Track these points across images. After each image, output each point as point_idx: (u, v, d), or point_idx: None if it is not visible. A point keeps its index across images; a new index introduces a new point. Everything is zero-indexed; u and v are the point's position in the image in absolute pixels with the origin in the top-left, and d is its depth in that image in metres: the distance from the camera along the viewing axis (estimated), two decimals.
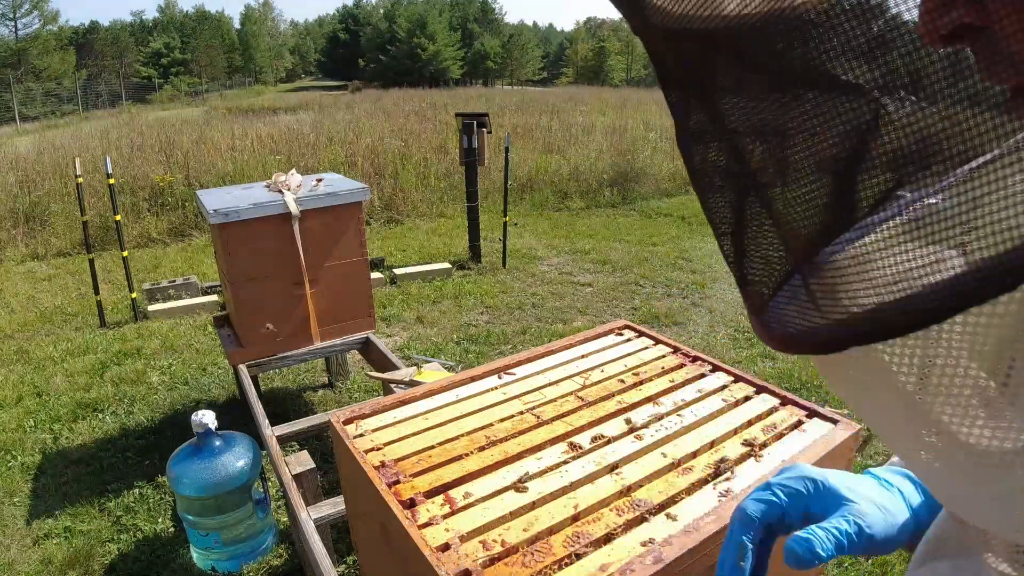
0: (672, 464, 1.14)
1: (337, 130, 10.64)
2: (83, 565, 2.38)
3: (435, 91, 27.70)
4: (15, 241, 6.56)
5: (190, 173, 7.81)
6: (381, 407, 1.34)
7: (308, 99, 25.04)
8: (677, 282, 5.46)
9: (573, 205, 8.53)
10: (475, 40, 54.96)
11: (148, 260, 6.16)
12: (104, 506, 2.70)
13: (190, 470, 2.15)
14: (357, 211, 3.01)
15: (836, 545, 0.48)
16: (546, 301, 5.02)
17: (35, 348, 4.21)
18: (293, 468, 2.18)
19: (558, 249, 6.48)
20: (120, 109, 25.25)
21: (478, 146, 5.54)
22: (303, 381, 3.78)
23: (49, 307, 4.98)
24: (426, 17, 49.97)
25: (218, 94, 33.92)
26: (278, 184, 2.94)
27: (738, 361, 3.96)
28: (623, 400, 1.35)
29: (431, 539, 0.95)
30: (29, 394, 3.62)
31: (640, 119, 12.63)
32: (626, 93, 25.94)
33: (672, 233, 7.20)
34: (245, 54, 51.83)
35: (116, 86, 34.83)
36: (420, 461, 1.15)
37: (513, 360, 1.53)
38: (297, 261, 2.89)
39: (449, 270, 5.62)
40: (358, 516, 1.34)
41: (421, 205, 7.91)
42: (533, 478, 1.10)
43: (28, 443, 3.15)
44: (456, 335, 4.34)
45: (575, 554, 0.94)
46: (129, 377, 3.77)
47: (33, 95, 27.36)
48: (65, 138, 11.60)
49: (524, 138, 10.84)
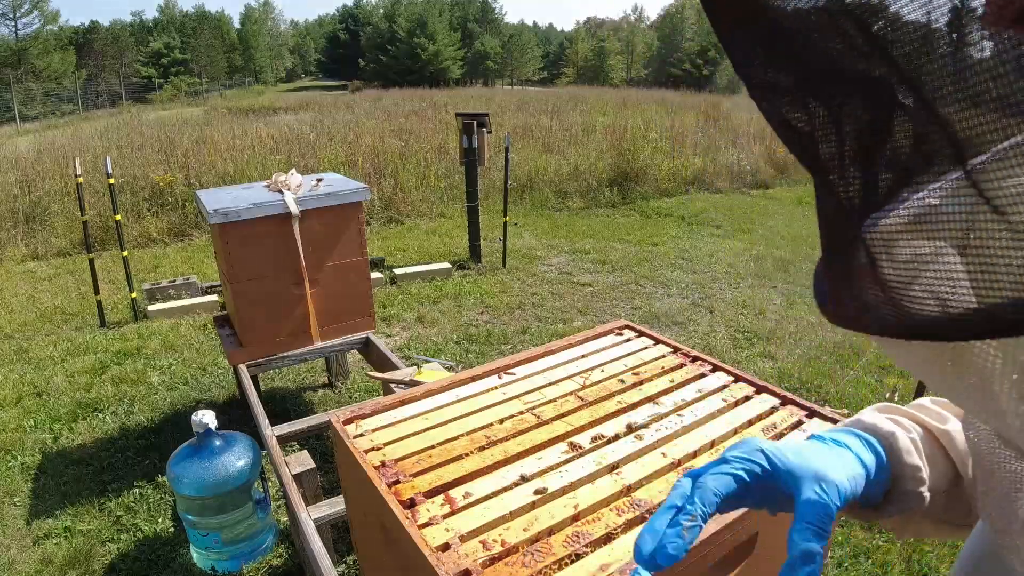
0: (672, 464, 1.14)
1: (337, 130, 10.64)
2: (83, 565, 2.38)
3: (435, 91, 27.70)
4: (15, 241, 6.56)
5: (190, 173, 7.81)
6: (381, 407, 1.34)
7: (308, 99, 25.04)
8: (677, 282, 5.46)
9: (573, 205, 8.53)
10: (475, 40, 54.95)
11: (148, 260, 6.16)
12: (104, 506, 2.70)
13: (190, 470, 2.15)
14: (357, 211, 3.01)
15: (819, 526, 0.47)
16: (546, 301, 5.02)
17: (35, 348, 4.21)
18: (293, 468, 2.18)
19: (558, 249, 6.48)
20: (120, 109, 25.24)
21: (478, 146, 5.54)
22: (303, 381, 3.78)
23: (49, 307, 4.98)
24: (426, 17, 49.98)
25: (218, 94, 33.91)
26: (278, 184, 2.93)
27: (738, 361, 3.96)
28: (623, 400, 1.35)
29: (431, 539, 0.95)
30: (29, 394, 3.62)
31: (640, 119, 12.63)
32: (626, 93, 25.95)
33: (672, 233, 7.20)
34: (245, 54, 51.81)
35: (116, 86, 34.84)
36: (420, 461, 1.15)
37: (513, 360, 1.53)
38: (297, 261, 2.89)
39: (449, 270, 5.62)
40: (358, 516, 1.34)
41: (421, 205, 7.91)
42: (533, 478, 1.10)
43: (28, 443, 3.15)
44: (456, 335, 4.34)
45: (575, 554, 0.94)
46: (129, 377, 3.77)
47: (33, 95, 27.35)
48: (65, 138, 11.59)
49: (524, 138, 10.84)
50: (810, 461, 0.51)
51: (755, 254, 6.34)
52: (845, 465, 0.52)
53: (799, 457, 0.51)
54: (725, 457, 0.53)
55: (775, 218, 8.10)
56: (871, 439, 0.57)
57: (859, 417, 0.62)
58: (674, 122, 12.47)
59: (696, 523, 0.47)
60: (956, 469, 0.59)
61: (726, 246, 6.65)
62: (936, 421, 0.60)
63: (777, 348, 4.16)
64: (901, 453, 0.57)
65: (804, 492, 0.48)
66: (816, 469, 0.50)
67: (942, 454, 0.59)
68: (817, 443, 0.56)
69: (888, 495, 0.58)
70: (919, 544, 2.46)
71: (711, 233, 7.26)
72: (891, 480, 0.57)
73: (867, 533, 2.53)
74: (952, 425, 0.60)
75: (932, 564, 2.37)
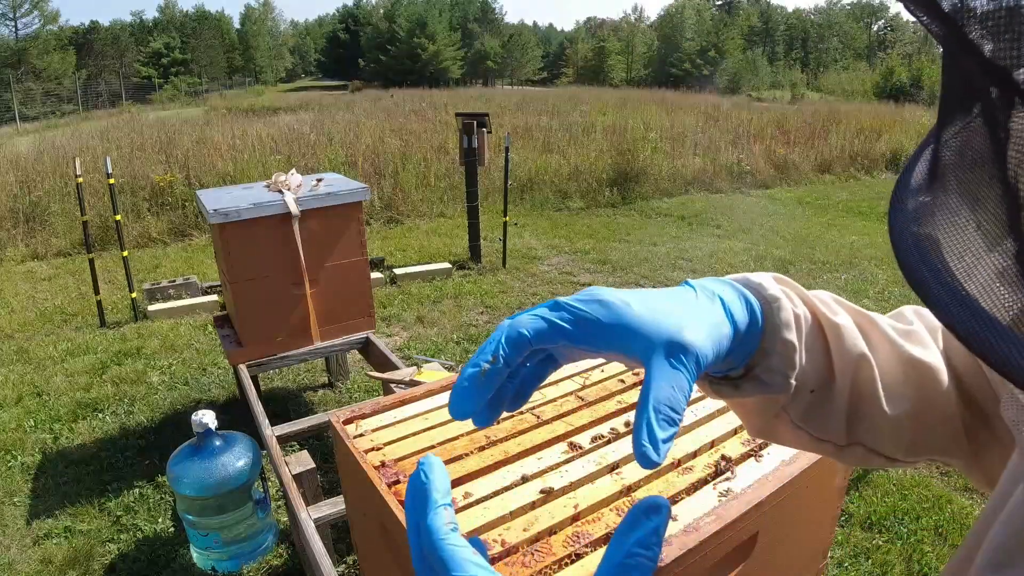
0: (672, 464, 1.14)
1: (337, 130, 10.65)
2: (83, 565, 2.38)
3: (435, 91, 27.70)
4: (15, 241, 6.56)
5: (190, 173, 7.81)
6: (381, 407, 1.34)
7: (308, 99, 25.04)
8: (677, 282, 5.45)
9: (573, 205, 8.53)
10: (475, 40, 54.96)
11: (148, 260, 6.16)
12: (104, 506, 2.70)
13: (190, 470, 2.15)
14: (357, 211, 3.01)
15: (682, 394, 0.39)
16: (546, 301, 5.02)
17: (35, 348, 4.21)
18: (293, 468, 2.18)
19: (558, 249, 6.48)
20: (120, 109, 25.23)
21: (478, 146, 5.54)
22: (303, 381, 3.78)
23: (49, 307, 4.98)
24: (426, 17, 49.98)
25: (218, 94, 33.88)
26: (278, 184, 2.93)
27: None
28: (623, 400, 1.35)
29: None
30: (29, 394, 3.62)
31: (640, 119, 12.63)
32: (626, 93, 25.95)
33: (672, 233, 7.20)
34: (245, 54, 51.82)
35: (116, 86, 34.82)
36: None
37: None
38: (297, 261, 2.89)
39: (449, 270, 5.62)
40: (358, 516, 1.34)
41: (421, 205, 7.91)
42: (533, 478, 1.10)
43: (28, 443, 3.15)
44: (456, 335, 4.34)
45: (575, 554, 0.94)
46: (129, 377, 3.77)
47: (33, 95, 27.36)
48: (65, 138, 11.59)
49: (524, 138, 10.84)
50: (666, 316, 0.41)
51: (755, 254, 6.34)
52: (710, 321, 0.43)
53: (650, 310, 0.41)
54: (557, 301, 0.42)
55: (775, 218, 8.10)
56: (751, 298, 0.47)
57: (746, 276, 0.51)
58: (674, 122, 12.47)
59: (497, 365, 0.39)
60: (832, 369, 0.50)
61: (726, 246, 6.65)
62: (828, 312, 0.51)
63: None
64: (780, 325, 0.47)
65: (655, 363, 0.39)
66: (671, 328, 0.40)
67: (822, 348, 0.50)
68: (681, 290, 0.46)
69: (749, 370, 0.49)
70: (919, 544, 2.46)
71: (711, 233, 7.26)
72: (758, 354, 0.48)
73: (867, 533, 2.53)
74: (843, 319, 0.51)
75: (932, 564, 2.37)
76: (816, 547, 1.26)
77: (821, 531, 1.26)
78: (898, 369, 0.52)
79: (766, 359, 0.48)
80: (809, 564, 1.25)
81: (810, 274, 5.75)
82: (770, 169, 10.66)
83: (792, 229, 7.52)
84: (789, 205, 9.02)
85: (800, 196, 9.55)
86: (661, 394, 0.38)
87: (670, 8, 57.17)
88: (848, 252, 6.49)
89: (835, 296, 0.54)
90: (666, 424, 0.38)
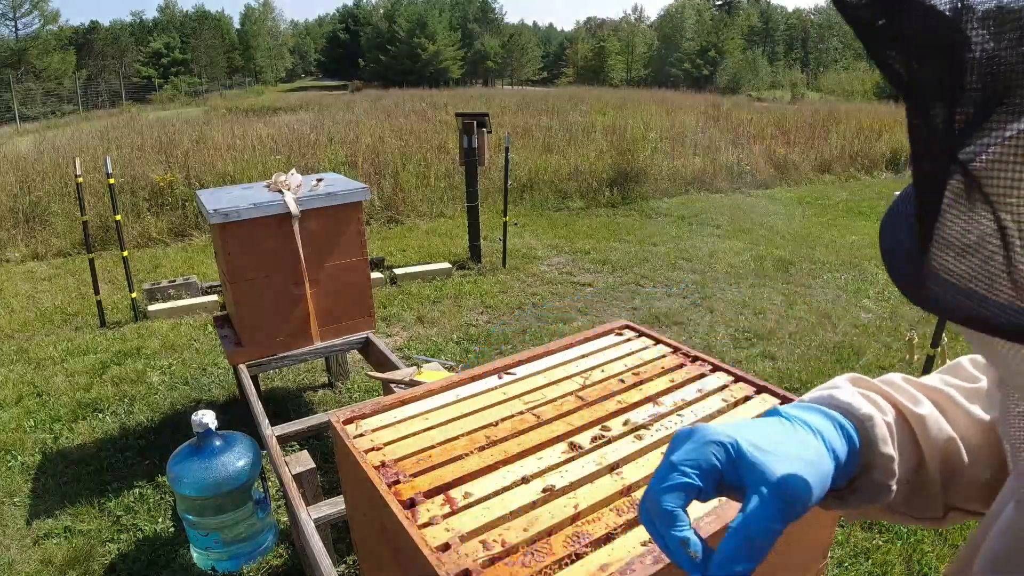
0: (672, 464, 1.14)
1: (337, 130, 10.65)
2: (83, 565, 2.38)
3: (435, 91, 27.69)
4: (15, 241, 6.56)
5: (190, 173, 7.81)
6: (381, 407, 1.34)
7: (308, 99, 25.04)
8: (677, 282, 5.46)
9: (573, 205, 8.53)
10: (475, 40, 54.94)
11: (148, 260, 6.16)
12: (104, 506, 2.70)
13: (190, 470, 2.15)
14: (357, 211, 3.01)
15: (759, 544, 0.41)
16: (546, 301, 5.02)
17: (35, 348, 4.21)
18: (293, 468, 2.18)
19: (558, 249, 6.48)
20: (120, 109, 25.23)
21: (478, 146, 5.54)
22: (303, 381, 3.78)
23: (49, 307, 4.98)
24: (426, 17, 49.96)
25: (218, 94, 33.87)
26: (278, 184, 2.93)
27: (738, 361, 3.96)
28: (623, 400, 1.35)
29: (431, 539, 0.95)
30: (29, 394, 3.62)
31: (640, 119, 12.62)
32: (626, 93, 25.93)
33: (672, 233, 7.20)
34: (245, 54, 51.78)
35: (116, 86, 34.81)
36: (420, 461, 1.15)
37: (513, 360, 1.53)
38: (297, 261, 2.89)
39: (449, 270, 5.62)
40: (358, 516, 1.34)
41: (421, 205, 7.91)
42: (533, 478, 1.10)
43: (28, 443, 3.15)
44: (456, 335, 4.34)
45: (575, 554, 0.94)
46: (129, 377, 3.77)
47: (33, 95, 27.35)
48: (65, 138, 11.59)
49: (524, 138, 10.84)
50: (776, 462, 0.43)
51: (755, 254, 6.34)
52: (815, 462, 0.45)
53: (762, 453, 0.44)
54: (671, 461, 0.45)
55: (775, 218, 8.10)
56: (844, 423, 0.50)
57: (832, 393, 0.53)
58: (674, 122, 12.47)
59: (696, 547, 0.43)
60: (922, 457, 0.53)
61: (726, 246, 6.65)
62: (910, 403, 0.54)
63: (777, 348, 4.16)
64: (877, 442, 0.50)
65: (760, 501, 0.42)
66: (781, 474, 0.42)
67: (911, 440, 0.53)
68: (782, 427, 0.48)
69: (853, 482, 0.51)
70: (919, 544, 2.46)
71: (711, 233, 7.26)
72: (860, 468, 0.51)
73: (867, 533, 2.53)
74: (926, 409, 0.53)
75: (932, 564, 2.37)
76: (816, 547, 1.26)
77: (821, 531, 1.26)
78: (980, 438, 0.54)
79: (867, 473, 0.51)
80: (809, 564, 1.25)
81: (810, 274, 5.75)
82: (770, 169, 10.66)
83: (792, 229, 7.52)
84: (789, 205, 9.02)
85: (800, 196, 9.55)
86: (755, 529, 0.41)
87: (670, 8, 57.17)
88: (848, 252, 6.49)
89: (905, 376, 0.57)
90: (745, 559, 0.41)
